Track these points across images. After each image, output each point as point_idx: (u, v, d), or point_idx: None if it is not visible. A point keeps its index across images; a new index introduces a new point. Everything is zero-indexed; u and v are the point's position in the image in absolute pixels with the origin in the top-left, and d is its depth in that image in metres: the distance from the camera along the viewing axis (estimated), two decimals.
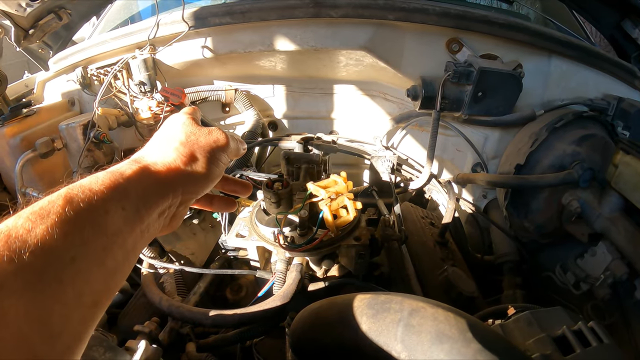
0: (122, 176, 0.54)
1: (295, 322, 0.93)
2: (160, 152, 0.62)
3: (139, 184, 0.56)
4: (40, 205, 0.46)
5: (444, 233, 1.53)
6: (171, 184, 0.60)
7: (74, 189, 0.49)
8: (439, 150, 1.81)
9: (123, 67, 1.75)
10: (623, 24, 1.77)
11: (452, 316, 0.69)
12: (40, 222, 0.44)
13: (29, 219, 0.44)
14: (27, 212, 0.45)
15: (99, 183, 0.51)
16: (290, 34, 1.62)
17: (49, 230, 0.43)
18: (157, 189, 0.58)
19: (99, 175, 0.52)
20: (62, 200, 0.47)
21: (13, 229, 0.42)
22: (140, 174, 0.56)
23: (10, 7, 1.67)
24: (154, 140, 0.65)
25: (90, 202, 0.48)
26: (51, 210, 0.45)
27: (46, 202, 0.46)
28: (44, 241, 0.42)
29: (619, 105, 1.56)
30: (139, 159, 0.59)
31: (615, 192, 1.38)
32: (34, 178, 1.72)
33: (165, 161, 0.60)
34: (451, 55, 1.61)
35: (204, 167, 0.64)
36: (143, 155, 0.61)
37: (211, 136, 0.66)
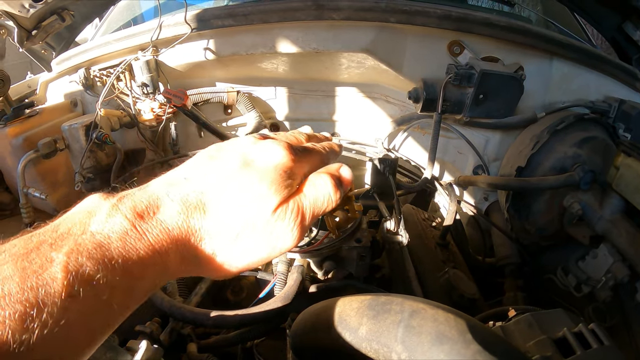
0: (146, 268, 0.43)
1: (296, 323, 0.93)
2: (201, 246, 0.47)
3: (164, 273, 0.46)
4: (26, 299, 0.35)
5: (445, 235, 1.53)
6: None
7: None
8: (440, 152, 1.82)
9: (126, 69, 1.76)
10: (624, 26, 1.77)
11: (452, 317, 0.69)
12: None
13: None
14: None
15: (114, 276, 0.40)
16: (292, 36, 1.63)
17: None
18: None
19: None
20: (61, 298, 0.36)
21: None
22: (165, 265, 0.45)
23: (14, 8, 1.68)
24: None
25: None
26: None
27: (33, 298, 0.35)
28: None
29: (620, 107, 1.56)
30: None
31: (617, 195, 1.38)
32: (36, 178, 1.72)
33: (202, 265, 0.48)
34: (453, 57, 1.61)
35: (244, 268, 0.51)
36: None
37: (277, 246, 0.51)
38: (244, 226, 0.48)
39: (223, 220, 0.47)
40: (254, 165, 0.50)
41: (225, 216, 0.47)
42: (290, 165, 0.51)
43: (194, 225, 0.46)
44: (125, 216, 0.43)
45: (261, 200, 0.48)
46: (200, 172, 0.50)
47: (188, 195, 0.47)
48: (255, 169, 0.49)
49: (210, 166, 0.51)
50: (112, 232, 0.42)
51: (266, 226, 0.49)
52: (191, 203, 0.46)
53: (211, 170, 0.50)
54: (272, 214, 0.49)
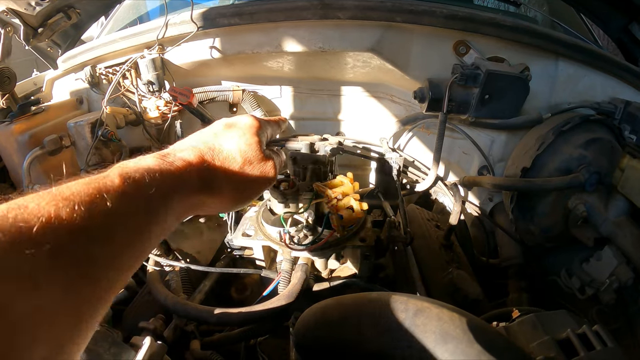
0: (187, 178, 0.60)
1: (299, 322, 0.93)
2: (215, 176, 0.66)
3: (190, 189, 0.61)
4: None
5: (450, 236, 1.53)
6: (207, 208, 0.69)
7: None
8: (446, 152, 1.82)
9: (132, 67, 1.76)
10: (631, 27, 1.77)
11: (456, 316, 0.69)
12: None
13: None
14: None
15: (154, 173, 0.54)
16: (298, 35, 1.63)
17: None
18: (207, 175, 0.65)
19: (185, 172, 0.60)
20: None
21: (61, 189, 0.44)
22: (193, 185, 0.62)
23: (20, 6, 1.69)
24: (224, 140, 0.70)
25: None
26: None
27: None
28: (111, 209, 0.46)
29: (626, 108, 1.56)
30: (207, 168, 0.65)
31: (622, 196, 1.37)
32: (41, 175, 1.73)
33: (215, 193, 0.66)
34: (458, 57, 1.61)
35: (243, 201, 0.75)
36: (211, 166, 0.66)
37: (267, 176, 0.74)
38: (244, 159, 0.70)
39: (228, 155, 0.68)
40: (237, 125, 0.75)
41: (229, 152, 0.69)
42: (259, 125, 0.77)
43: (207, 158, 0.65)
44: (152, 156, 0.59)
45: (251, 143, 0.72)
46: (199, 134, 0.72)
47: (196, 143, 0.67)
48: (238, 127, 0.74)
49: (205, 131, 0.73)
50: (144, 163, 0.56)
51: (259, 161, 0.72)
52: (201, 146, 0.66)
53: (207, 131, 0.73)
54: (259, 153, 0.72)
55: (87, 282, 0.42)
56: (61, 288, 0.39)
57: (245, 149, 0.70)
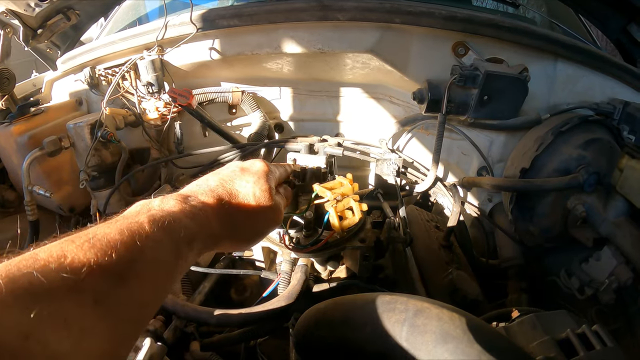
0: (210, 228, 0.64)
1: (299, 322, 0.94)
2: (241, 185, 0.75)
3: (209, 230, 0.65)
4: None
5: (449, 236, 1.53)
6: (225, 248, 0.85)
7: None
8: (445, 153, 1.82)
9: (131, 68, 1.76)
10: (629, 28, 1.77)
11: (456, 317, 0.70)
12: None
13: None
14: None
15: (181, 219, 0.59)
16: (297, 36, 1.63)
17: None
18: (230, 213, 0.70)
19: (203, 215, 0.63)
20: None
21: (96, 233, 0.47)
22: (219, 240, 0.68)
23: (19, 7, 1.69)
24: (239, 191, 0.74)
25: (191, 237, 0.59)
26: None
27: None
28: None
29: (625, 109, 1.56)
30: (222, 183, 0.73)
31: (621, 197, 1.37)
32: (41, 176, 1.73)
33: (249, 197, 0.74)
34: (457, 58, 1.61)
35: (253, 242, 0.80)
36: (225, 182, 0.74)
37: (275, 220, 0.81)
38: (258, 204, 0.74)
39: (243, 200, 0.73)
40: (250, 170, 0.80)
41: (244, 197, 0.74)
42: (269, 170, 0.83)
43: (224, 201, 0.69)
44: (174, 199, 0.62)
45: (264, 189, 0.77)
46: (215, 177, 0.75)
47: (213, 188, 0.71)
48: (252, 172, 0.79)
49: (220, 174, 0.77)
50: (168, 205, 0.59)
51: (269, 207, 0.77)
52: (217, 190, 0.71)
53: (222, 175, 0.77)
54: (270, 199, 0.77)
55: (127, 324, 0.47)
56: (104, 334, 0.43)
57: (258, 194, 0.75)
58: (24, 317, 0.36)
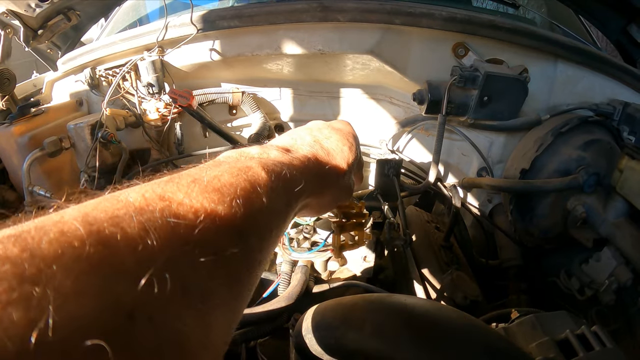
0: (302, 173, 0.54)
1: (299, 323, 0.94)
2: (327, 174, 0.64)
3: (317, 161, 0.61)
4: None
5: (449, 237, 1.53)
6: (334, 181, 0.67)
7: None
8: (445, 154, 1.82)
9: (131, 69, 1.76)
10: (629, 29, 1.77)
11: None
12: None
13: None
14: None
15: (286, 167, 0.50)
16: (297, 37, 1.63)
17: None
18: (324, 175, 0.63)
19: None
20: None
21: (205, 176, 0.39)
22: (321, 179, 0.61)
23: (20, 8, 1.69)
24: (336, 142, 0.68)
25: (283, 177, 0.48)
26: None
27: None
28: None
29: (625, 110, 1.56)
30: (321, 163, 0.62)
31: (621, 198, 1.37)
32: (41, 176, 1.73)
33: (341, 157, 0.66)
34: (457, 59, 1.62)
35: (330, 208, 0.75)
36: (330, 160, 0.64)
37: (351, 188, 0.73)
38: (349, 166, 0.67)
39: (336, 163, 0.64)
40: (341, 131, 0.72)
41: (337, 161, 0.65)
42: (355, 133, 0.76)
43: (322, 157, 0.62)
44: (276, 149, 0.55)
45: (353, 152, 0.69)
46: (310, 134, 0.67)
47: (310, 144, 0.63)
48: (343, 133, 0.71)
49: (314, 131, 0.69)
50: (274, 155, 0.53)
51: (354, 172, 0.71)
52: (315, 147, 0.63)
53: (316, 132, 0.68)
54: (355, 158, 0.69)
55: (247, 289, 0.40)
56: (228, 302, 0.35)
57: (348, 157, 0.67)
58: (125, 286, 0.25)
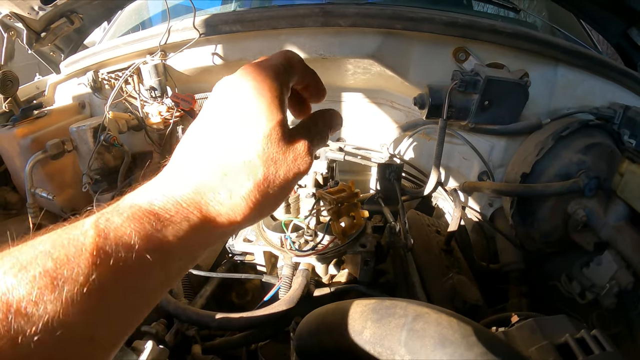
0: (174, 233, 0.42)
1: (300, 327, 0.94)
2: (227, 194, 0.46)
3: (194, 240, 0.44)
4: (57, 258, 0.34)
5: (450, 241, 1.54)
6: (225, 237, 0.51)
7: (105, 240, 0.37)
8: (446, 158, 1.82)
9: (134, 72, 1.77)
10: (629, 32, 1.78)
11: (455, 321, 0.70)
12: (53, 291, 0.33)
13: (39, 285, 0.33)
14: (36, 269, 0.33)
15: (138, 237, 0.39)
16: (299, 42, 1.64)
17: (65, 303, 0.33)
18: (209, 243, 0.47)
19: (137, 225, 0.40)
20: (87, 259, 0.35)
21: (15, 297, 0.32)
22: (197, 230, 0.44)
23: (23, 10, 1.70)
24: (216, 154, 0.47)
25: (127, 267, 0.37)
26: (73, 272, 0.34)
27: (63, 256, 0.35)
28: (57, 320, 0.32)
29: (625, 113, 1.57)
30: (198, 202, 0.44)
31: (621, 201, 1.37)
32: (43, 179, 1.74)
33: (231, 215, 0.46)
34: (458, 64, 1.62)
35: (268, 212, 0.52)
36: (203, 194, 0.45)
37: (295, 165, 0.49)
38: (266, 162, 0.47)
39: (245, 168, 0.46)
40: (247, 114, 0.49)
41: (244, 166, 0.46)
42: (277, 92, 0.51)
43: (213, 202, 0.45)
44: (141, 221, 0.42)
45: (268, 134, 0.48)
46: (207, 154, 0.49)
47: (195, 182, 0.46)
48: (251, 115, 0.49)
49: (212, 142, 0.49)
50: (129, 204, 0.42)
51: (284, 152, 0.49)
52: (211, 167, 0.47)
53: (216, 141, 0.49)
54: (282, 141, 0.49)
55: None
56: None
57: (262, 148, 0.47)
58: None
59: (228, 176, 0.46)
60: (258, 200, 0.47)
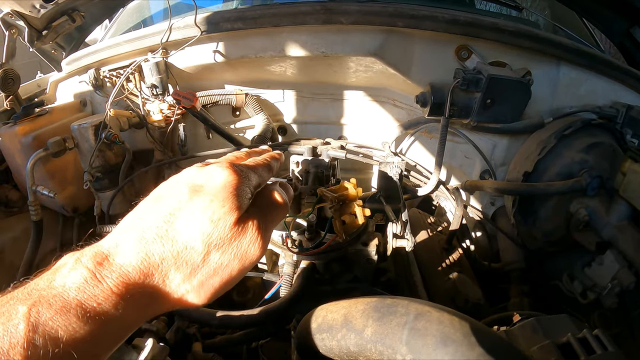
0: (102, 323, 0.44)
1: (301, 325, 0.94)
2: (168, 278, 0.49)
3: (130, 317, 0.47)
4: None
5: (451, 240, 1.53)
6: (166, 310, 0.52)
7: (34, 334, 0.39)
8: (448, 156, 1.82)
9: (135, 70, 1.77)
10: (632, 31, 1.77)
11: (457, 320, 0.70)
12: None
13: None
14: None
15: (65, 332, 0.41)
16: (301, 40, 1.63)
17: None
18: (138, 324, 0.50)
19: (64, 321, 0.41)
20: (20, 353, 0.38)
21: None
22: (131, 310, 0.46)
23: (24, 8, 1.70)
24: (163, 233, 0.50)
25: (57, 357, 0.40)
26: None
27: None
28: None
29: (628, 112, 1.56)
30: (134, 284, 0.47)
31: (624, 201, 1.37)
32: (44, 176, 1.73)
33: (171, 299, 0.50)
34: (460, 62, 1.62)
35: (214, 295, 0.55)
36: (139, 280, 0.47)
37: (246, 257, 0.55)
38: (209, 245, 0.51)
39: (186, 245, 0.50)
40: (204, 189, 0.54)
41: (187, 240, 0.50)
42: (237, 182, 0.55)
43: (155, 259, 0.48)
44: (86, 267, 0.45)
45: (219, 219, 0.52)
46: (153, 210, 0.53)
47: (144, 232, 0.49)
48: (205, 192, 0.53)
49: (161, 203, 0.53)
50: (72, 283, 0.44)
51: (231, 242, 0.53)
52: (149, 238, 0.49)
53: (163, 205, 0.53)
54: (232, 228, 0.52)
55: None
56: None
57: (209, 229, 0.51)
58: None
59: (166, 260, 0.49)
60: (200, 291, 0.52)
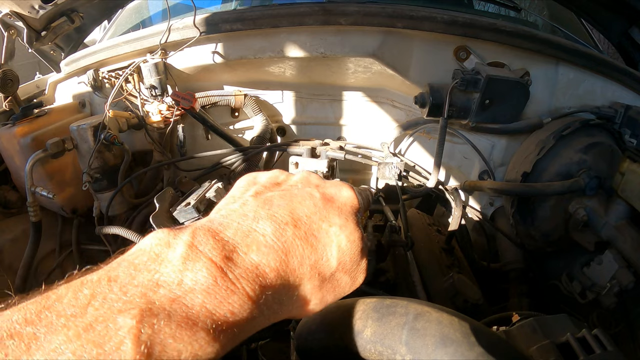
0: (240, 326, 0.36)
1: (300, 325, 0.94)
2: (301, 286, 0.44)
3: (256, 328, 0.40)
4: None
5: (450, 240, 1.53)
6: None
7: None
8: (446, 157, 1.82)
9: (134, 71, 1.77)
10: (631, 32, 1.78)
11: (456, 320, 0.70)
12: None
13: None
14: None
15: (197, 340, 0.32)
16: (299, 41, 1.64)
17: None
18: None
19: (191, 341, 0.32)
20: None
21: None
22: (260, 318, 0.39)
23: (23, 9, 1.70)
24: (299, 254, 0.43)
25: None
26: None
27: None
28: None
29: (627, 113, 1.56)
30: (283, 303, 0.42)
31: (622, 201, 1.37)
32: (43, 178, 1.73)
33: (294, 308, 0.45)
34: (459, 62, 1.62)
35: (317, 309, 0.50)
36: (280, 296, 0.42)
37: (354, 284, 0.53)
38: (340, 263, 0.47)
39: (322, 256, 0.45)
40: (335, 202, 0.50)
41: (323, 252, 0.45)
42: (358, 207, 0.52)
43: (294, 264, 0.42)
44: (210, 259, 0.36)
45: (354, 240, 0.48)
46: (283, 204, 0.46)
47: (281, 228, 0.43)
48: (337, 207, 0.49)
49: (294, 199, 0.48)
50: (193, 282, 0.34)
51: (353, 266, 0.50)
52: (288, 237, 0.43)
53: (296, 203, 0.47)
54: (359, 254, 0.49)
55: None
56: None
57: (345, 248, 0.47)
58: None
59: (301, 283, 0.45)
60: (320, 301, 0.49)
